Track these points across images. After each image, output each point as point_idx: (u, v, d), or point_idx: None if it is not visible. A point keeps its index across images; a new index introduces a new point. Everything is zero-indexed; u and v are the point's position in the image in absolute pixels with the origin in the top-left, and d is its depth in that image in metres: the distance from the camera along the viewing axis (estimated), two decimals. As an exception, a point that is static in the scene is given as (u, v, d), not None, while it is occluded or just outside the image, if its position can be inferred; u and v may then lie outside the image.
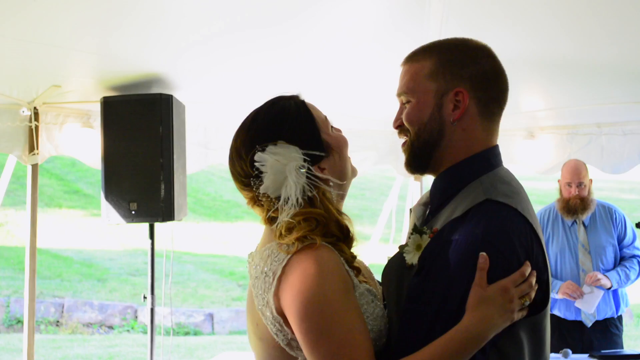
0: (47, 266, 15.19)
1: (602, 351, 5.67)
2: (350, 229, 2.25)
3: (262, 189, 2.21)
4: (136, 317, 13.60)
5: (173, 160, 5.24)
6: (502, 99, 2.25)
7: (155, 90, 5.41)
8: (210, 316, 13.72)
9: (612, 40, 4.92)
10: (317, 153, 2.24)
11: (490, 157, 2.21)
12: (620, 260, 6.08)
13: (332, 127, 2.36)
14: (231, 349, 10.41)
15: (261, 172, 2.21)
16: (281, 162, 2.18)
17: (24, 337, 5.45)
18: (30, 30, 4.49)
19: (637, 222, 5.69)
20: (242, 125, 2.35)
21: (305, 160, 2.20)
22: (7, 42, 4.56)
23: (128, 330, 13.32)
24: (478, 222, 2.03)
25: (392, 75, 2.36)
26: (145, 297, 5.49)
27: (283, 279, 2.11)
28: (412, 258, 2.12)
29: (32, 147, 5.39)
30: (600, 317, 5.97)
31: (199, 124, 6.29)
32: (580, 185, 5.94)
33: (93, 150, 5.64)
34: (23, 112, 5.33)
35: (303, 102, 2.34)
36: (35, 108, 5.37)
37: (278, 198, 2.20)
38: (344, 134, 2.39)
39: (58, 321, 13.32)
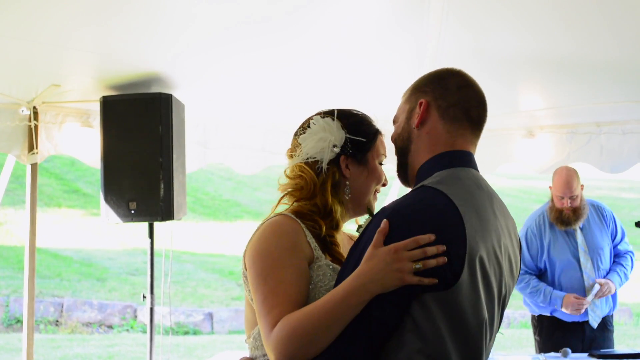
0: (46, 266, 15.19)
1: (602, 350, 5.67)
2: (336, 213, 2.59)
3: (300, 139, 2.66)
4: (135, 316, 13.61)
5: (172, 159, 5.24)
6: (465, 106, 2.44)
7: (154, 89, 5.42)
8: (210, 315, 13.73)
9: (612, 39, 4.92)
10: (360, 139, 2.63)
11: (450, 158, 2.40)
12: (615, 256, 6.11)
13: (380, 162, 2.71)
14: (230, 349, 10.41)
15: (309, 127, 2.65)
16: (325, 129, 2.61)
17: (23, 336, 5.45)
18: (29, 29, 4.49)
19: (636, 221, 5.69)
20: None
21: (343, 147, 2.61)
22: (7, 41, 4.56)
23: (127, 330, 13.33)
24: (400, 198, 2.32)
25: (392, 73, 2.42)
26: (144, 297, 5.49)
27: (251, 239, 2.51)
28: None
29: (31, 146, 5.38)
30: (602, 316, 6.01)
31: (199, 123, 6.28)
32: (572, 197, 5.95)
33: (92, 150, 5.63)
34: (22, 111, 5.32)
35: (377, 130, 2.72)
36: (34, 107, 5.37)
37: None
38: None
39: (57, 321, 13.33)
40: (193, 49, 5.06)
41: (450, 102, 2.41)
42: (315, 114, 2.69)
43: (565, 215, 5.97)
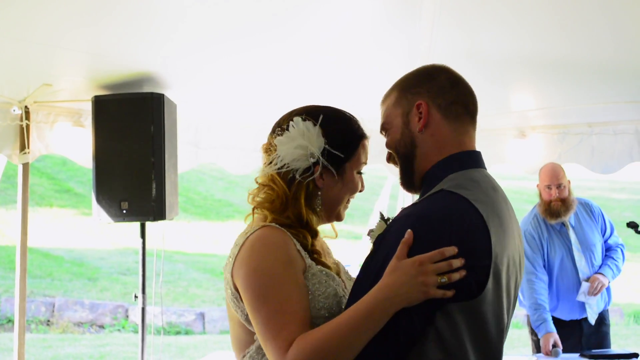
0: (37, 265, 15.15)
1: (593, 351, 5.68)
2: (312, 223, 2.46)
3: (276, 140, 2.47)
4: (127, 316, 13.59)
5: (164, 159, 5.23)
6: (464, 101, 2.39)
7: (146, 89, 5.41)
8: (202, 315, 13.72)
9: (605, 40, 4.92)
10: (338, 153, 2.46)
11: (462, 159, 2.34)
12: (606, 250, 6.14)
13: (359, 171, 2.57)
14: (222, 349, 10.39)
15: (287, 130, 2.47)
16: (304, 135, 2.44)
17: (15, 336, 5.43)
18: (21, 28, 4.47)
19: (627, 221, 5.72)
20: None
21: (319, 157, 2.44)
22: (-2, 41, 4.55)
23: (119, 330, 13.31)
24: (421, 204, 2.25)
25: (384, 73, 2.40)
26: (136, 296, 5.48)
27: (238, 257, 2.35)
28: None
29: (23, 146, 5.37)
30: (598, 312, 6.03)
31: (191, 123, 6.28)
32: (559, 186, 5.98)
33: (84, 149, 5.62)
34: (14, 110, 5.31)
35: (362, 135, 2.57)
36: (26, 107, 5.35)
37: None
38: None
39: (49, 320, 13.30)
40: (185, 48, 5.05)
41: (449, 100, 2.34)
42: (296, 113, 2.53)
43: (554, 207, 5.99)
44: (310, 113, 2.51)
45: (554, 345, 5.67)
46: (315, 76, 5.56)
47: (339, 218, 2.59)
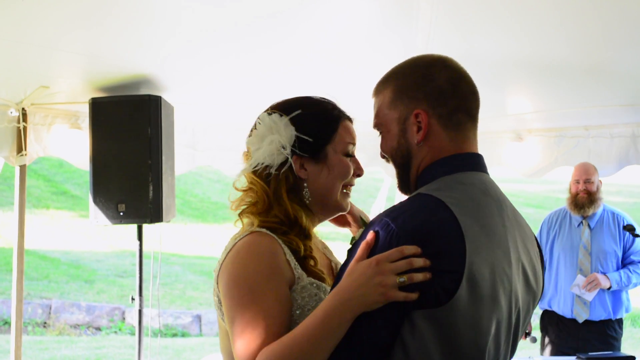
0: (34, 267, 15.13)
1: (590, 353, 5.67)
2: (301, 220, 2.32)
3: (247, 142, 2.41)
4: (124, 318, 13.57)
5: (161, 161, 5.24)
6: (467, 106, 2.19)
7: (144, 91, 5.41)
8: (198, 318, 13.70)
9: (601, 43, 4.93)
10: (307, 138, 2.33)
11: (454, 162, 2.16)
12: (629, 263, 6.14)
13: (347, 153, 2.43)
14: (219, 351, 10.37)
15: (255, 129, 2.40)
16: (272, 129, 2.35)
17: (11, 338, 5.43)
18: (18, 30, 4.47)
19: (624, 224, 5.74)
20: None
21: (293, 147, 2.32)
22: (-5, 43, 4.55)
23: (115, 332, 13.29)
24: (393, 207, 2.08)
25: (380, 76, 2.37)
26: (133, 299, 5.49)
27: (223, 262, 2.26)
28: None
29: (20, 148, 5.37)
30: (595, 318, 6.01)
31: (188, 125, 6.28)
32: (587, 181, 6.13)
33: (81, 152, 5.62)
34: (11, 112, 5.31)
35: (340, 116, 2.44)
36: (23, 109, 5.36)
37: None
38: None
39: (45, 322, 13.27)
40: (182, 51, 5.05)
41: (451, 107, 2.14)
42: (264, 110, 2.43)
43: (579, 199, 6.15)
44: (275, 106, 2.42)
45: (528, 334, 5.72)
46: (311, 78, 5.56)
47: (340, 208, 2.44)
